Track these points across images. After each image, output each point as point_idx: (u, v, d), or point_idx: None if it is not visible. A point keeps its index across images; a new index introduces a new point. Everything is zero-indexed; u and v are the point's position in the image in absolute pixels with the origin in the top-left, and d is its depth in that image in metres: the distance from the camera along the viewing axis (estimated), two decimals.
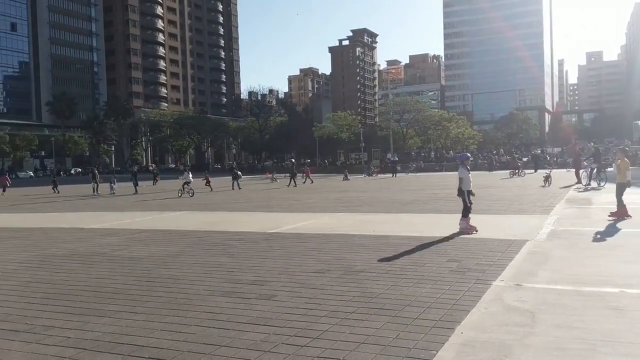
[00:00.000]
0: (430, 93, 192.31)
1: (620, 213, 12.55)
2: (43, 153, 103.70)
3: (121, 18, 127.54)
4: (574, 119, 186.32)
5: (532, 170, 44.01)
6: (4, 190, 34.09)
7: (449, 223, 13.33)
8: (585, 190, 22.67)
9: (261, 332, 5.11)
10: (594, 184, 23.89)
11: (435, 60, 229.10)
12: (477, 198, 21.11)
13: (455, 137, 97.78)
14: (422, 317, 5.39)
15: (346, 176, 45.14)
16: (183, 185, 28.76)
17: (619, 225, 11.69)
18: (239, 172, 36.38)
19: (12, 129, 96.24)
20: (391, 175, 49.26)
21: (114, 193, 32.87)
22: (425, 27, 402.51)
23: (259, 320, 5.46)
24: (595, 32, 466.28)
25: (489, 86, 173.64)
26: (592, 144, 57.97)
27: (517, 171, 37.72)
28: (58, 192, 34.68)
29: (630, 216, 12.46)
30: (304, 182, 38.95)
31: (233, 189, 33.22)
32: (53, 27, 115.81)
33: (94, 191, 33.50)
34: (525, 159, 61.42)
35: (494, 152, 77.05)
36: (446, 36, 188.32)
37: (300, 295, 6.44)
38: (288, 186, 35.15)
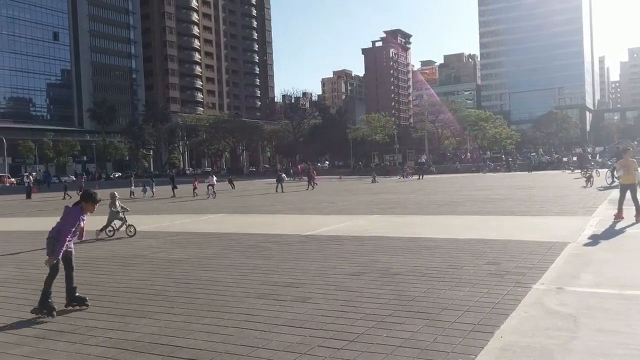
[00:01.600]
0: (465, 93, 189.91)
1: (619, 215, 12.30)
2: (85, 158, 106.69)
3: (158, 26, 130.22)
4: (616, 117, 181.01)
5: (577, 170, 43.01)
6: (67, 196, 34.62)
7: (487, 225, 13.12)
8: None
9: (297, 334, 5.13)
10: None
11: (470, 60, 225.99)
12: (516, 199, 20.81)
13: (492, 137, 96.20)
14: (459, 321, 5.31)
15: (374, 179, 44.47)
16: (207, 187, 30.67)
17: None
18: (284, 175, 36.40)
19: (55, 135, 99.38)
20: (418, 177, 48.43)
21: (152, 195, 33.59)
22: (460, 26, 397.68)
23: (295, 323, 5.48)
24: (638, 27, 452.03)
25: (527, 85, 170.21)
26: (635, 142, 56.25)
27: (588, 171, 30.02)
28: (70, 198, 35.30)
29: (623, 218, 12.19)
30: (307, 189, 35.39)
31: (277, 191, 33.03)
32: (93, 36, 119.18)
33: (130, 194, 34.36)
34: (565, 159, 60.02)
35: (533, 152, 75.45)
36: (482, 35, 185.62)
37: (336, 297, 6.43)
38: (307, 189, 34.96)
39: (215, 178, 31.97)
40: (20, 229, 16.78)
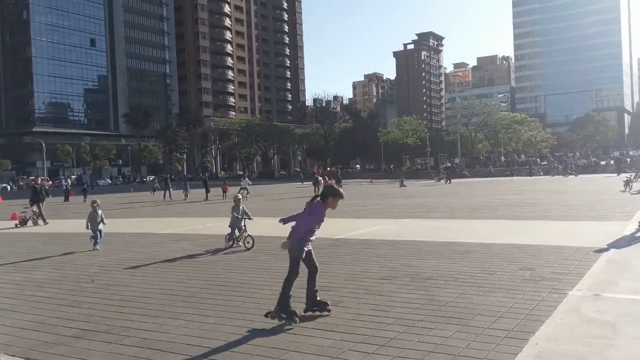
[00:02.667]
0: (499, 95, 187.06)
1: None
2: (120, 162, 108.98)
3: (192, 31, 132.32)
4: None
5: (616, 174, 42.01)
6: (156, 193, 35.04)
7: (521, 230, 12.89)
8: None
9: (328, 337, 5.13)
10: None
11: (504, 62, 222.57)
12: (551, 203, 20.39)
13: (527, 140, 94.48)
14: (493, 327, 5.23)
15: (402, 182, 43.59)
16: (240, 190, 31.34)
17: None
18: (320, 178, 36.11)
19: (92, 139, 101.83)
20: (445, 181, 47.34)
21: (186, 198, 34.16)
22: (494, 28, 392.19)
23: (326, 326, 5.48)
24: None
25: (563, 87, 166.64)
26: None
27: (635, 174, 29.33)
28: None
29: None
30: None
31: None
32: (129, 42, 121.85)
33: (165, 197, 35.00)
34: (603, 163, 58.56)
35: (570, 154, 73.80)
36: (516, 36, 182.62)
37: (367, 301, 6.41)
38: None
39: (248, 181, 33.66)
40: (58, 231, 17.24)
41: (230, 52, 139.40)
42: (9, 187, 75.46)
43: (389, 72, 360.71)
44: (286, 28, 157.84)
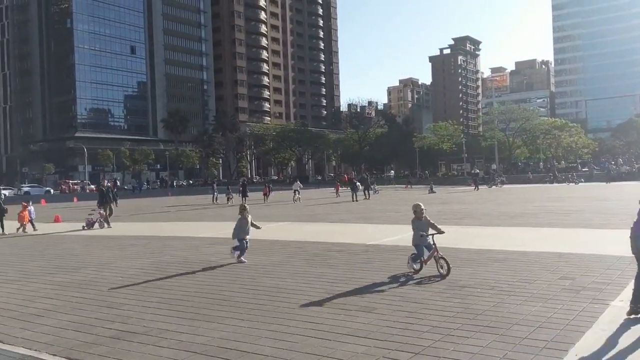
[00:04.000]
0: (538, 100, 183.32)
1: None
2: (158, 166, 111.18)
3: (228, 38, 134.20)
4: None
5: None
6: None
7: (561, 238, 12.58)
8: None
9: (362, 344, 5.10)
10: None
11: (543, 66, 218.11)
12: (593, 211, 19.82)
13: (567, 146, 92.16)
14: (531, 337, 5.11)
15: (431, 189, 42.60)
16: (294, 193, 33.79)
17: None
18: (358, 184, 35.82)
19: (131, 144, 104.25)
20: (473, 188, 45.38)
21: (231, 200, 34.90)
22: (533, 32, 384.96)
23: (360, 333, 5.45)
24: None
25: (605, 91, 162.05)
26: None
27: None
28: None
29: None
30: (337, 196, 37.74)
31: (353, 200, 32.42)
32: (167, 49, 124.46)
33: (213, 200, 35.87)
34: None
35: (612, 161, 71.69)
36: (556, 40, 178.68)
37: (401, 308, 6.35)
38: (366, 198, 34.10)
39: (300, 184, 35.38)
40: (100, 234, 17.66)
41: (266, 58, 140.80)
42: (52, 191, 77.82)
43: (425, 77, 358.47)
44: (321, 34, 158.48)
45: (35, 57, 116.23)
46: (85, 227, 18.90)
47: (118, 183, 54.16)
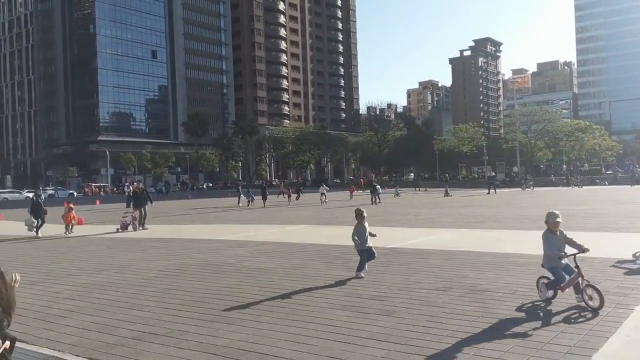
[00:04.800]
0: (561, 102, 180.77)
1: None
2: (179, 169, 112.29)
3: (248, 42, 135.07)
4: None
5: None
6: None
7: (584, 241, 12.36)
8: None
9: (381, 347, 5.08)
10: None
11: (566, 67, 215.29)
12: (617, 214, 19.47)
13: (591, 148, 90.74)
14: (554, 342, 5.04)
15: (447, 192, 41.69)
16: (321, 196, 34.84)
17: None
18: (379, 187, 35.59)
19: (152, 147, 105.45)
20: (487, 192, 44.09)
21: (252, 203, 35.36)
22: (554, 33, 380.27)
23: (379, 336, 5.44)
24: None
25: (629, 93, 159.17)
26: None
27: None
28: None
29: None
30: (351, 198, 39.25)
31: (372, 203, 32.11)
32: (188, 53, 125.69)
33: (239, 202, 36.35)
34: None
35: (637, 164, 70.33)
36: (579, 41, 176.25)
37: (421, 312, 6.32)
38: (374, 203, 33.43)
39: (326, 187, 36.72)
40: (119, 237, 17.88)
41: (285, 61, 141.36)
42: (75, 193, 79.03)
43: (445, 79, 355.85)
44: (340, 37, 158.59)
45: (59, 62, 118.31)
46: (120, 230, 19.00)
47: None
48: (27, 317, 6.80)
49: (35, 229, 18.18)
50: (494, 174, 60.74)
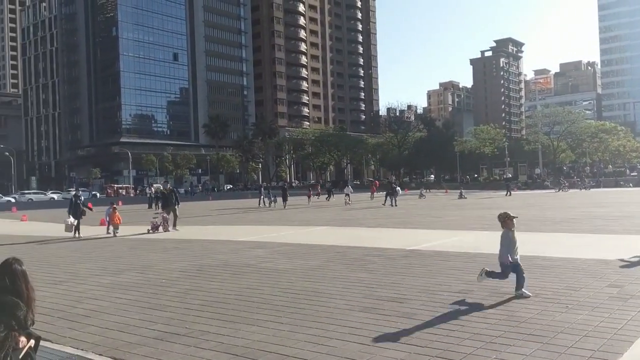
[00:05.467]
0: (584, 103, 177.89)
1: None
2: (200, 171, 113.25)
3: (268, 44, 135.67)
4: None
5: None
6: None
7: (608, 244, 12.19)
8: None
9: (402, 350, 5.06)
10: None
11: (589, 67, 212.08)
12: None
13: (615, 149, 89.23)
14: (577, 346, 4.96)
15: (461, 194, 41.49)
16: (345, 196, 35.98)
17: None
18: (398, 188, 35.25)
19: (174, 149, 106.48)
20: (505, 193, 44.01)
21: (269, 206, 35.64)
22: (577, 33, 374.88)
23: (399, 339, 5.41)
24: None
25: None
26: None
27: None
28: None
29: None
30: (372, 199, 39.63)
31: (392, 205, 31.74)
32: (209, 56, 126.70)
33: (260, 204, 36.89)
34: None
35: None
36: (602, 41, 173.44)
37: (442, 315, 6.27)
38: (383, 204, 33.20)
39: (351, 188, 37.84)
40: (147, 238, 18.09)
41: (305, 63, 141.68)
42: (98, 194, 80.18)
43: (465, 80, 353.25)
44: (360, 38, 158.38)
45: (82, 65, 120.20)
46: (151, 231, 18.95)
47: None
48: (52, 316, 6.92)
49: (74, 230, 18.10)
50: (510, 175, 60.11)
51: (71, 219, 18.12)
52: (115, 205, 19.41)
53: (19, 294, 3.60)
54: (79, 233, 18.20)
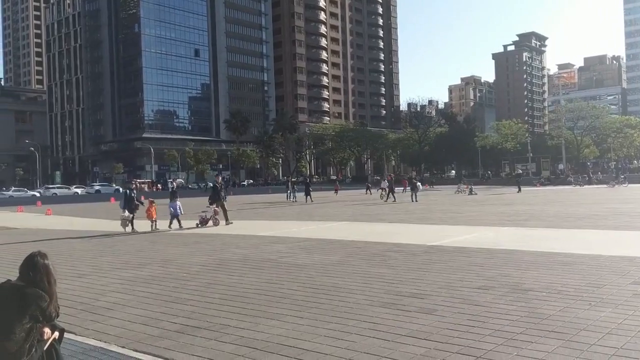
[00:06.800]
0: (609, 97, 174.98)
1: None
2: (221, 166, 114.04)
3: (288, 40, 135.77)
4: None
5: None
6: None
7: (633, 241, 11.98)
8: None
9: (421, 346, 5.04)
10: None
11: (614, 62, 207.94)
12: None
13: None
14: (600, 344, 4.89)
15: (471, 190, 40.58)
16: (382, 190, 34.69)
17: None
18: (419, 184, 34.87)
19: (195, 144, 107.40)
20: (518, 190, 41.92)
21: (295, 200, 35.82)
22: (602, 26, 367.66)
23: (419, 334, 5.39)
24: None
25: None
26: None
27: None
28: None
29: None
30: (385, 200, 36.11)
31: (413, 200, 31.53)
32: (230, 51, 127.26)
33: (288, 197, 37.25)
34: None
35: None
36: (628, 34, 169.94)
37: (462, 311, 6.23)
38: (386, 201, 32.93)
39: (387, 182, 34.54)
40: (200, 232, 18.26)
41: (325, 58, 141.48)
42: (120, 189, 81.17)
43: (487, 74, 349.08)
44: (381, 33, 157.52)
45: (105, 61, 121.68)
46: (199, 225, 18.67)
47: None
48: (75, 309, 7.05)
49: (130, 224, 17.77)
50: (520, 171, 59.20)
51: (126, 213, 17.74)
52: (152, 200, 19.29)
53: (42, 287, 3.68)
54: (133, 227, 17.81)
